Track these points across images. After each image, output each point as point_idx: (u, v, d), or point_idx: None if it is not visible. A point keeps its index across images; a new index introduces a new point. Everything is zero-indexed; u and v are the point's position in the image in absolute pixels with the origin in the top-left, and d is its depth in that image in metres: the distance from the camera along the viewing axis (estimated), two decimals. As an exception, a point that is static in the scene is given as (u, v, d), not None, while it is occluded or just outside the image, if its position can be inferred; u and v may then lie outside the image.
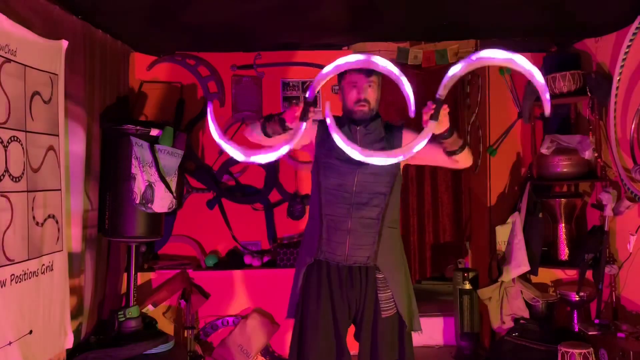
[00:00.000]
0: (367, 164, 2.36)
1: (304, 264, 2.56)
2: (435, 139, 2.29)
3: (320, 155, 2.52)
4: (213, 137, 2.30)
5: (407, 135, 2.54)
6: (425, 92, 4.99)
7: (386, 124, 2.59)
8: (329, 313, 2.49)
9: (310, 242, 2.54)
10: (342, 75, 2.53)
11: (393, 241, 2.55)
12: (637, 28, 3.30)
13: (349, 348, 2.55)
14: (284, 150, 2.27)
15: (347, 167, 2.42)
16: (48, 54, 2.76)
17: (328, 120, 2.27)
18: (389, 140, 2.52)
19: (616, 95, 3.52)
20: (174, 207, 3.57)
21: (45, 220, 2.73)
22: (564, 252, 3.95)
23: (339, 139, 2.25)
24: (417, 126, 2.35)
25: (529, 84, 4.07)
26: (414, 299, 2.59)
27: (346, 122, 2.52)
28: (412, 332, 2.57)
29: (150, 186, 3.35)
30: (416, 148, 2.24)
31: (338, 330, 2.50)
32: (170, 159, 3.50)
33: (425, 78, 4.97)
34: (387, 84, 5.18)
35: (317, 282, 2.51)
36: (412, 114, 2.20)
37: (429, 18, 3.54)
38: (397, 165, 2.48)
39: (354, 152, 2.23)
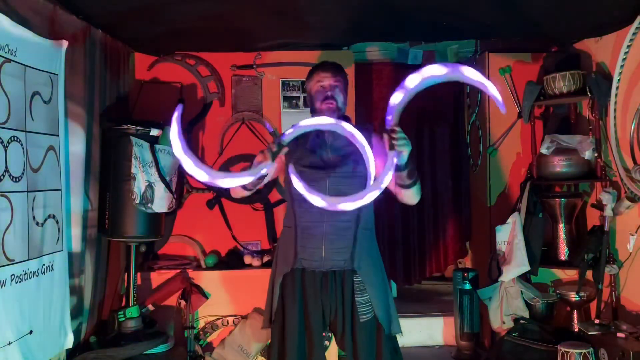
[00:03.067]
0: (337, 168, 2.41)
1: (280, 273, 2.55)
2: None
3: (289, 165, 2.50)
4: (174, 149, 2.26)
5: (376, 143, 2.51)
6: (425, 93, 5.01)
7: (355, 127, 2.56)
8: (301, 321, 2.50)
9: (287, 252, 2.54)
10: (309, 78, 2.60)
11: (369, 244, 2.55)
12: (637, 28, 3.30)
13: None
14: (245, 180, 2.30)
15: (317, 173, 2.44)
16: (48, 54, 2.76)
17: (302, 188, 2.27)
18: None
19: (616, 95, 3.51)
20: (174, 207, 3.57)
21: (45, 220, 2.73)
22: (564, 252, 3.95)
23: (302, 189, 2.24)
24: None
25: (529, 84, 4.07)
26: (392, 301, 2.56)
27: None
28: (396, 335, 2.55)
29: (150, 186, 3.35)
30: (383, 184, 2.21)
31: (311, 340, 2.50)
32: (170, 159, 3.50)
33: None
34: (387, 85, 5.17)
35: (292, 291, 2.51)
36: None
37: (429, 18, 3.54)
38: (364, 168, 2.45)
39: (319, 201, 2.22)
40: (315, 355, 2.52)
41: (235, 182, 2.36)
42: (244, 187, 2.48)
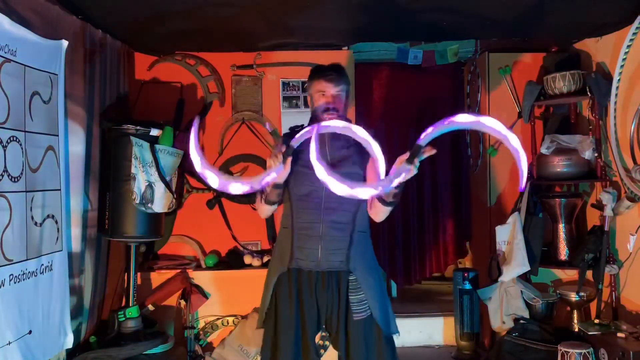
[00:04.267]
0: (336, 169, 2.35)
1: (275, 273, 2.55)
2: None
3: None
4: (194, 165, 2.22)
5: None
6: (425, 93, 5.02)
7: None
8: (297, 320, 2.49)
9: (284, 252, 2.53)
10: (310, 82, 2.56)
11: (364, 246, 2.55)
12: (637, 28, 3.30)
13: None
14: (256, 185, 2.27)
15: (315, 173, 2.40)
16: (48, 54, 2.76)
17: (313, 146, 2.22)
18: (358, 147, 2.43)
19: (616, 95, 3.51)
20: (174, 207, 3.57)
21: (44, 220, 2.73)
22: (564, 252, 3.94)
23: (321, 173, 2.20)
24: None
25: (529, 84, 4.07)
26: (388, 301, 2.56)
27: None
28: (393, 336, 2.54)
29: (150, 186, 3.35)
30: (386, 188, 2.20)
31: (306, 338, 2.50)
32: (170, 159, 3.50)
33: (425, 78, 4.98)
34: (387, 85, 5.16)
35: (287, 290, 2.52)
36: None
37: (429, 18, 3.54)
38: (364, 170, 2.50)
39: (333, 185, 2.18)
40: (310, 354, 2.52)
41: (244, 187, 2.27)
42: (267, 200, 2.47)
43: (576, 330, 3.69)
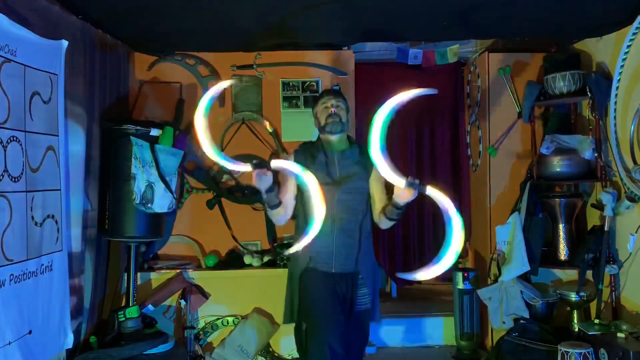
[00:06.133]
0: (345, 185, 2.76)
1: (297, 273, 2.84)
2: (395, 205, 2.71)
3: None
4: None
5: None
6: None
7: (359, 146, 2.89)
8: (334, 296, 2.75)
9: (301, 258, 2.79)
10: (315, 104, 2.96)
11: (369, 247, 2.91)
12: (636, 28, 3.30)
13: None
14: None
15: (327, 189, 2.66)
16: (48, 54, 2.76)
17: None
18: (363, 163, 2.82)
19: (616, 95, 3.51)
20: (174, 207, 3.57)
21: (44, 220, 2.73)
22: (564, 252, 3.94)
23: None
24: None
25: (529, 84, 4.07)
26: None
27: (323, 148, 2.85)
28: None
29: (150, 186, 3.35)
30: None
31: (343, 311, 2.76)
32: (170, 159, 3.50)
33: (425, 78, 4.97)
34: (387, 85, 5.16)
35: (314, 279, 2.79)
36: None
37: (428, 18, 3.54)
38: (368, 184, 2.85)
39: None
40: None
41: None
42: (270, 205, 2.75)
43: (576, 330, 3.69)
